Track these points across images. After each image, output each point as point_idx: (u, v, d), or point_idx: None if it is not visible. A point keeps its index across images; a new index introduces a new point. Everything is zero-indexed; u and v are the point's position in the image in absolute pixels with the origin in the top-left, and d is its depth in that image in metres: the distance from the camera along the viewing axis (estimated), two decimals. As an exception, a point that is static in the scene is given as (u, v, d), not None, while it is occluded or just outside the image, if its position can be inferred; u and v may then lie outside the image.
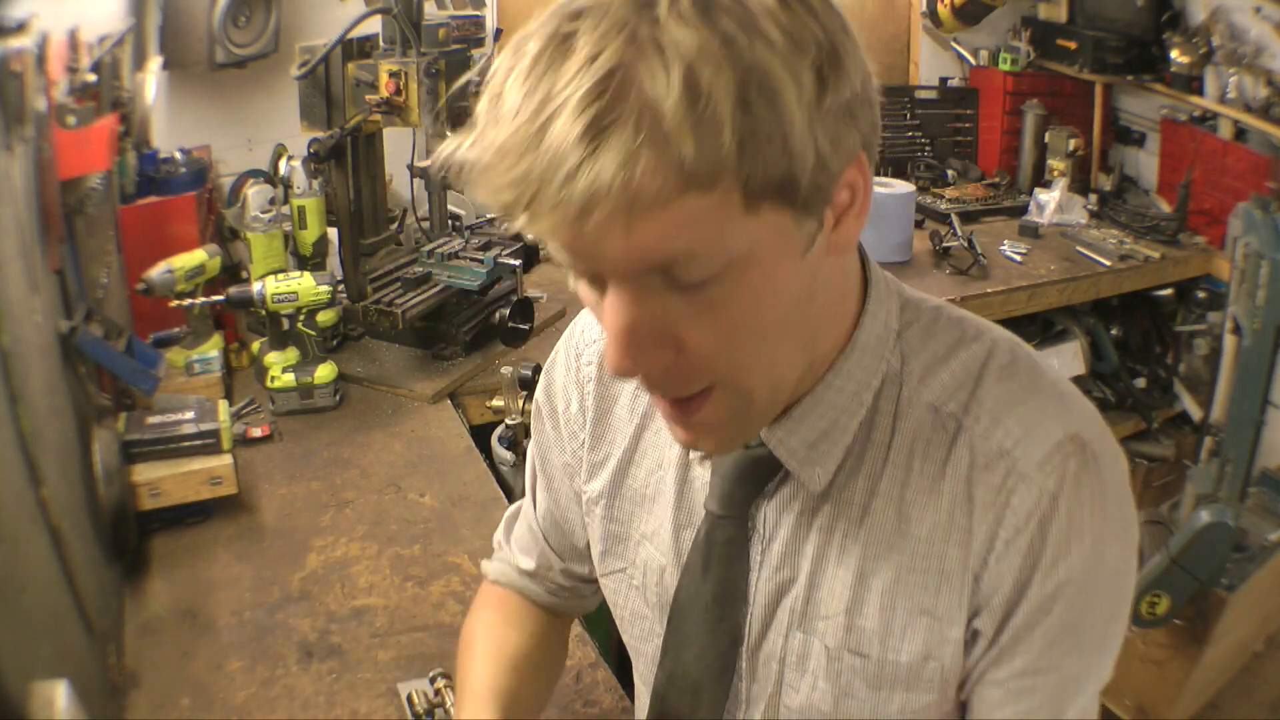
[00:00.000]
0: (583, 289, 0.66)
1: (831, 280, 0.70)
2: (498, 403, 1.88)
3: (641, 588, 0.90)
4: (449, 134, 1.98)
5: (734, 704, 0.84)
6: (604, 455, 0.90)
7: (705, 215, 0.57)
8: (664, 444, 0.86)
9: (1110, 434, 0.73)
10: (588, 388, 0.91)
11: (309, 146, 1.94)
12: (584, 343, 0.92)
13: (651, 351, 0.62)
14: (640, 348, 0.62)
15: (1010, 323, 0.87)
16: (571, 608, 1.06)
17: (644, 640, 0.91)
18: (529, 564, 1.03)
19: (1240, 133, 2.70)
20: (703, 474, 0.82)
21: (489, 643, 1.00)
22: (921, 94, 3.23)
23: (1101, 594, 0.71)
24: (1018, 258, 2.65)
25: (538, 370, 1.88)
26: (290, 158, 2.06)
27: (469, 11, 2.34)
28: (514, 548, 1.06)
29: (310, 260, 2.02)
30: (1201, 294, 2.79)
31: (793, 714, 0.80)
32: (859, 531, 0.74)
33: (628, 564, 0.90)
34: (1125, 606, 0.74)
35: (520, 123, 0.56)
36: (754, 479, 0.78)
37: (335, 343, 2.05)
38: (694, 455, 0.82)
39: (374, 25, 1.92)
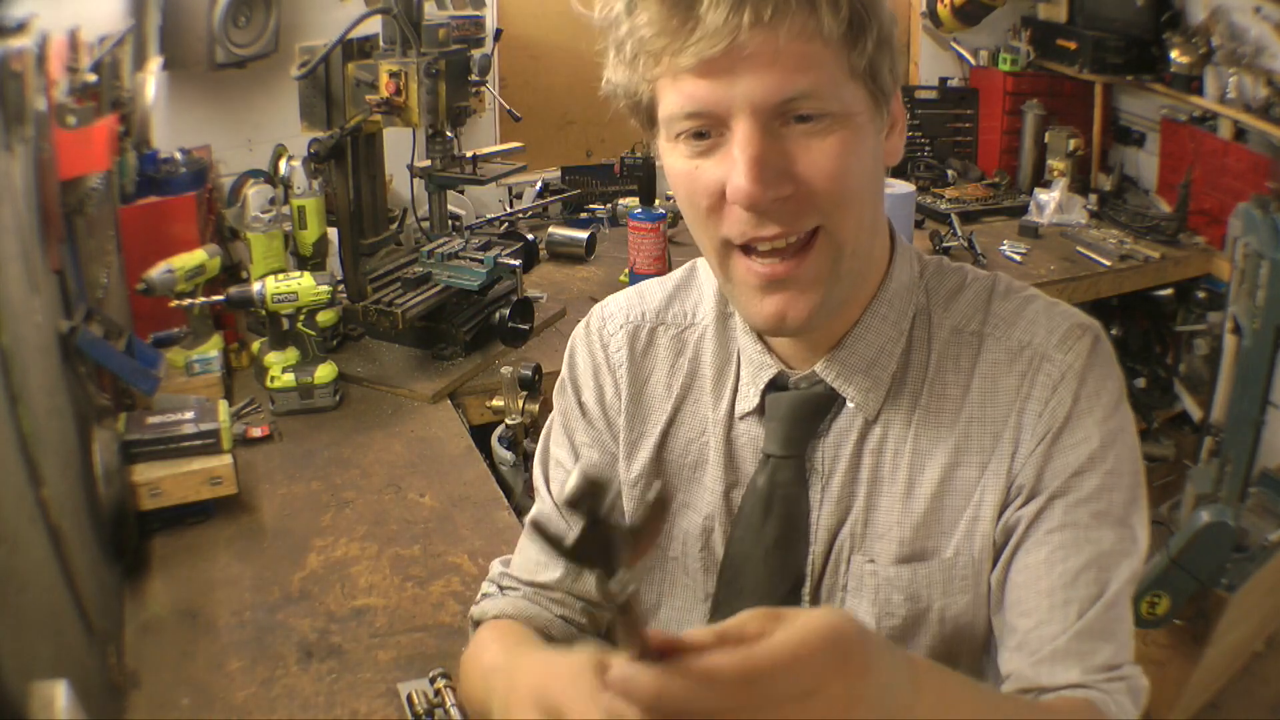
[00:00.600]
0: (680, 154, 0.77)
1: (881, 192, 0.83)
2: (498, 403, 1.88)
3: (681, 558, 0.93)
4: (450, 134, 1.99)
5: None
6: (641, 433, 0.95)
7: (827, 62, 0.72)
8: (705, 410, 0.92)
9: (1093, 319, 0.87)
10: (620, 372, 0.96)
11: (309, 146, 1.94)
12: (608, 333, 0.98)
13: (774, 182, 0.73)
14: (767, 177, 0.72)
15: (1010, 323, 0.92)
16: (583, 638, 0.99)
17: (685, 611, 0.93)
18: (553, 574, 0.97)
19: (1240, 133, 2.69)
20: (749, 429, 0.89)
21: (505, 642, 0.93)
22: (921, 94, 3.23)
23: (1125, 445, 0.82)
24: (1018, 258, 2.65)
25: (538, 370, 1.88)
26: (290, 158, 2.06)
27: (469, 11, 2.34)
28: (524, 570, 1.00)
29: (310, 260, 2.02)
30: (1201, 294, 2.79)
31: None
32: (905, 447, 0.85)
33: (665, 539, 0.93)
34: (1139, 463, 0.84)
35: None
36: (811, 417, 0.86)
37: (335, 343, 2.05)
38: (764, 348, 0.89)
39: (374, 25, 1.92)
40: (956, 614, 0.84)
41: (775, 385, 0.88)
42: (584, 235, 2.59)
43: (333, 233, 2.06)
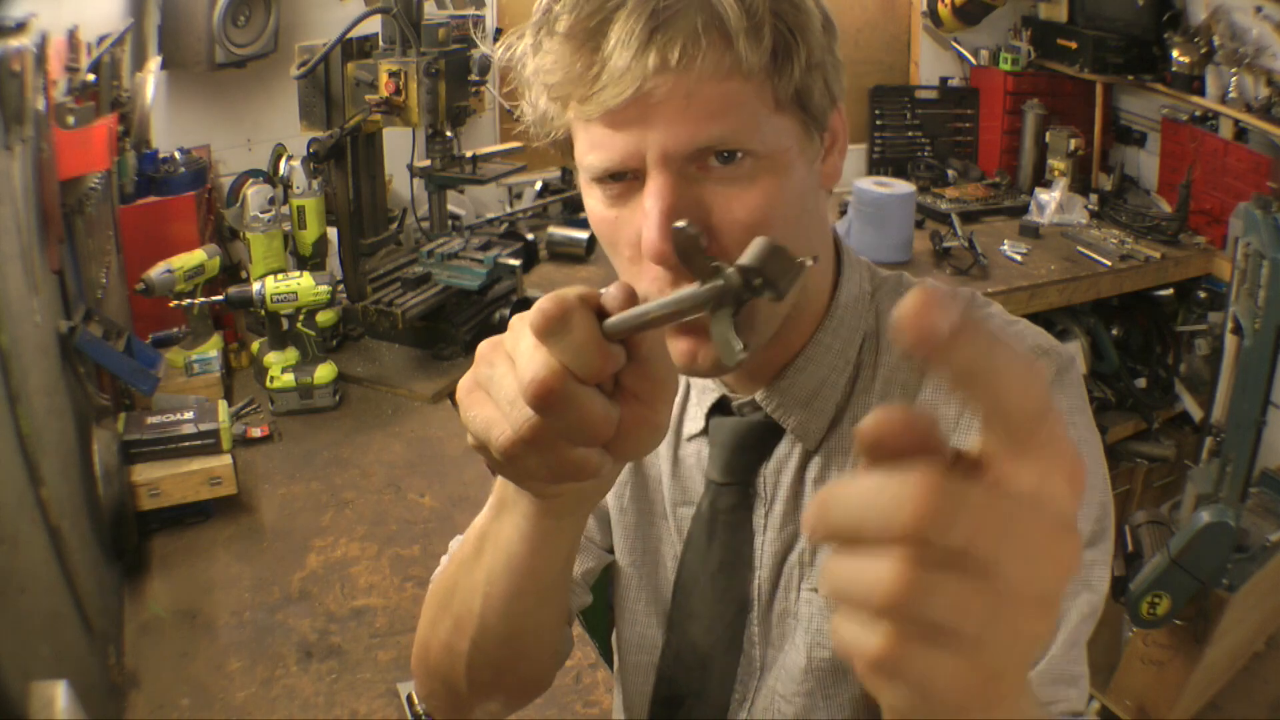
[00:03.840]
0: (597, 199, 0.72)
1: (820, 220, 0.78)
2: (498, 403, 1.87)
3: (653, 562, 0.91)
4: (450, 134, 1.98)
5: (747, 672, 0.85)
6: None
7: (748, 99, 0.67)
8: None
9: (1066, 348, 0.80)
10: None
11: (309, 146, 1.94)
12: None
13: None
14: None
15: (1011, 323, 0.90)
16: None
17: (646, 618, 0.92)
18: None
19: (1241, 132, 2.69)
20: (696, 449, 0.86)
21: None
22: (922, 94, 3.23)
23: (1095, 482, 0.74)
24: (1018, 258, 2.64)
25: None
26: (290, 158, 2.06)
27: (469, 11, 2.34)
28: None
29: (310, 260, 2.02)
30: (1202, 294, 2.79)
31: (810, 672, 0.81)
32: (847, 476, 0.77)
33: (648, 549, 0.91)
34: (1108, 503, 0.77)
35: (589, 9, 0.65)
36: (754, 445, 0.82)
37: (335, 343, 2.05)
38: (692, 382, 0.85)
39: (374, 25, 1.92)
40: None
41: (719, 408, 0.84)
42: (584, 235, 2.59)
43: (332, 233, 2.06)
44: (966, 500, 0.35)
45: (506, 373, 0.54)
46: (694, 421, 0.86)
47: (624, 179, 0.70)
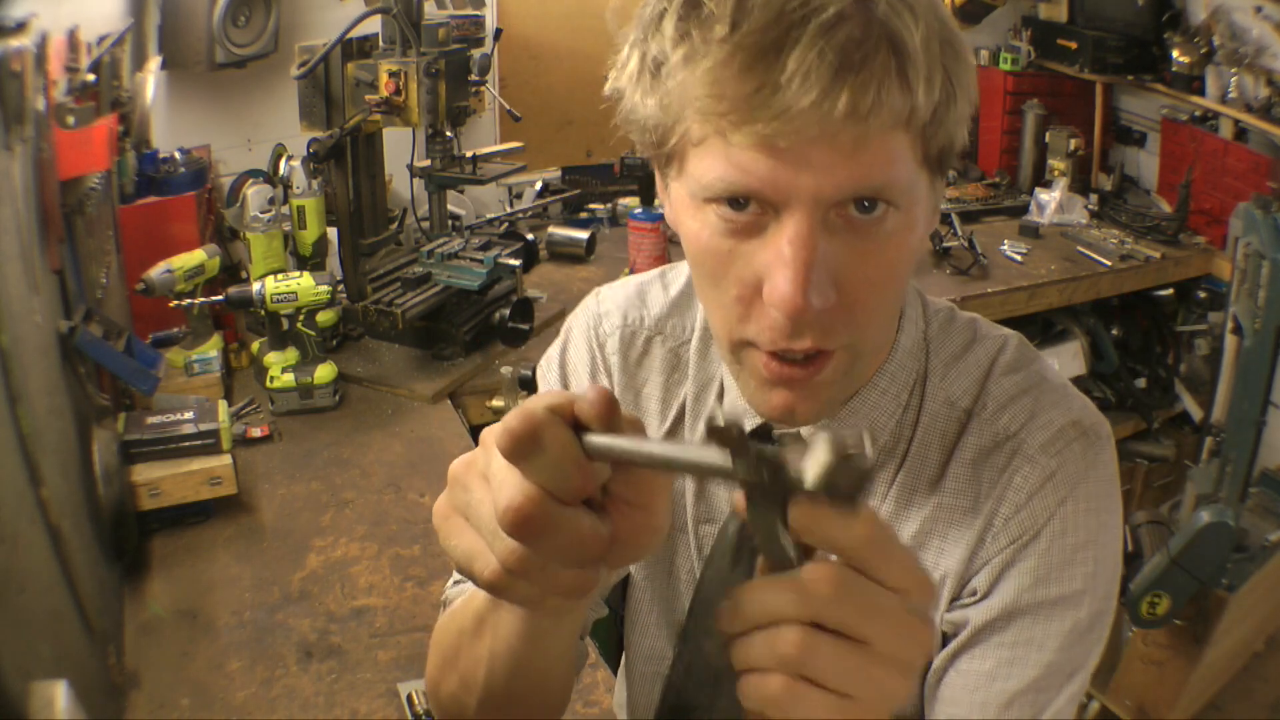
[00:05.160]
0: (710, 224, 0.65)
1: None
2: (498, 403, 1.88)
3: (671, 565, 0.90)
4: (450, 134, 1.98)
5: None
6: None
7: (905, 151, 0.62)
8: (685, 432, 0.87)
9: (1105, 422, 0.78)
10: (614, 375, 0.90)
11: (309, 146, 1.94)
12: (604, 332, 0.91)
13: (823, 292, 0.62)
14: (816, 283, 0.61)
15: (1010, 323, 0.89)
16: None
17: (656, 628, 0.92)
18: None
19: (1241, 132, 2.69)
20: None
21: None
22: (922, 94, 3.23)
23: (1102, 563, 0.74)
24: (1018, 258, 2.64)
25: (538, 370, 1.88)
26: (290, 158, 2.06)
27: (469, 11, 2.34)
28: None
29: (310, 260, 2.02)
30: (1202, 294, 2.79)
31: None
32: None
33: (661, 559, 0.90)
34: (1115, 581, 0.77)
35: (763, 19, 0.57)
36: None
37: (335, 343, 2.05)
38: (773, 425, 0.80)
39: (374, 25, 1.92)
40: None
41: (759, 434, 0.79)
42: (584, 235, 2.59)
43: (332, 233, 2.06)
44: (850, 589, 0.45)
45: (483, 498, 0.50)
46: None
47: (746, 208, 0.63)
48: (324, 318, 1.91)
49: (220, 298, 1.81)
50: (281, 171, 2.07)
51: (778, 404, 0.69)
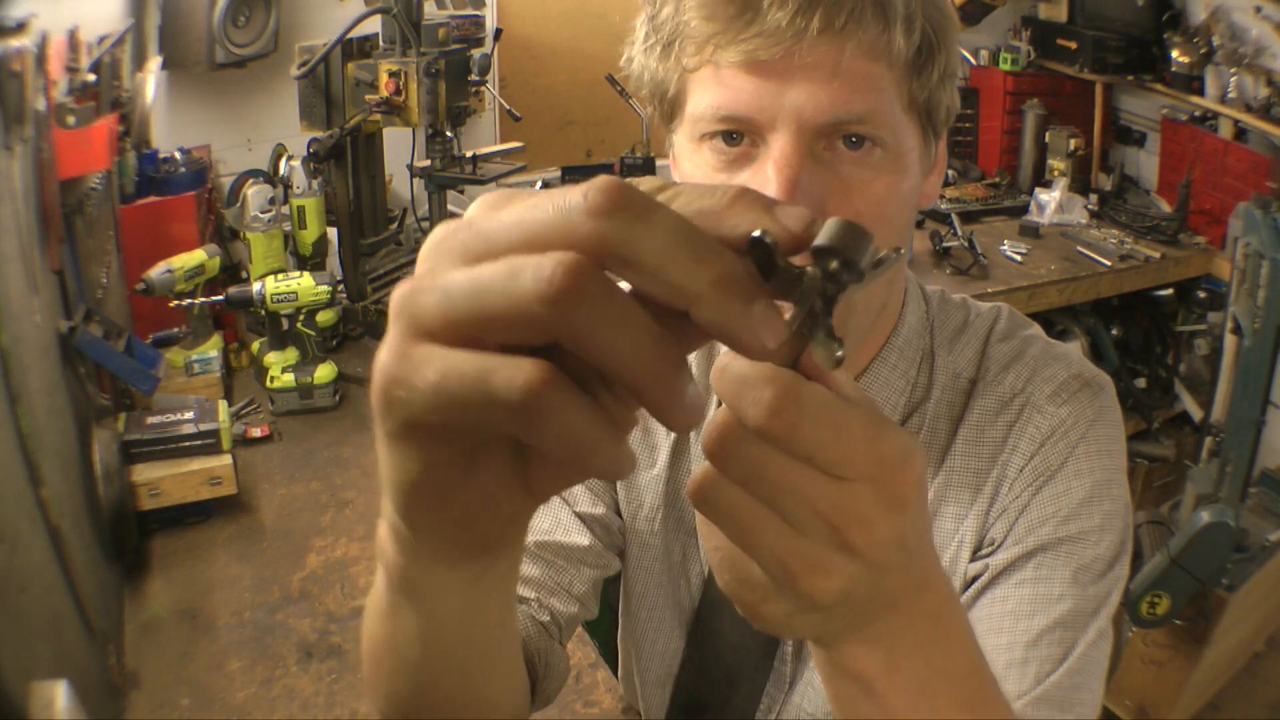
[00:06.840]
0: (706, 159, 0.68)
1: (909, 241, 0.77)
2: (498, 403, 1.87)
3: (681, 566, 0.90)
4: (450, 134, 1.98)
5: (775, 686, 0.85)
6: (655, 442, 0.88)
7: (888, 88, 0.65)
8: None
9: (1104, 374, 0.82)
10: None
11: (309, 146, 1.94)
12: None
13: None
14: (800, 202, 0.57)
15: (1010, 323, 0.91)
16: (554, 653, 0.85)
17: (662, 626, 0.92)
18: (533, 570, 0.84)
19: (1241, 133, 2.69)
20: None
21: None
22: (922, 94, 3.23)
23: (1113, 502, 0.76)
24: (1018, 258, 2.64)
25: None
26: (290, 158, 2.06)
27: (469, 11, 2.34)
28: None
29: (310, 260, 2.02)
30: (1202, 294, 2.79)
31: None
32: None
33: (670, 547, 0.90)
34: (1128, 526, 0.78)
35: None
36: None
37: (335, 343, 2.05)
38: None
39: (374, 25, 1.92)
40: None
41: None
42: (584, 235, 2.59)
43: (332, 233, 2.06)
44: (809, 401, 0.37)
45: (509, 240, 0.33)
46: None
47: (740, 142, 0.67)
48: (324, 318, 1.91)
49: (220, 298, 1.81)
50: (282, 171, 2.07)
51: None
